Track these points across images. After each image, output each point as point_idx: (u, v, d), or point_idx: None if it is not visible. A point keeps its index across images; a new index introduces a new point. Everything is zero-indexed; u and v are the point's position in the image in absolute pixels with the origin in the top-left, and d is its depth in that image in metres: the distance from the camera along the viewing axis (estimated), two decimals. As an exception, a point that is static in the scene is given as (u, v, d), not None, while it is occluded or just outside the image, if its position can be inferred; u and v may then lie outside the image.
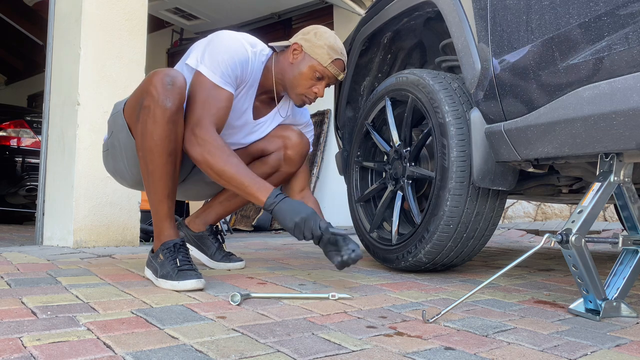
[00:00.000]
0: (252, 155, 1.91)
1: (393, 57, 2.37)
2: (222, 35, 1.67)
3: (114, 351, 0.92)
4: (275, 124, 1.91)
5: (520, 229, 4.13)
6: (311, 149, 2.00)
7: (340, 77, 1.78)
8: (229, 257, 1.97)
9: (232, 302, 1.31)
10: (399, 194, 1.92)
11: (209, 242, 1.96)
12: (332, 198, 5.45)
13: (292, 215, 1.50)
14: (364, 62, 2.38)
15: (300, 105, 1.84)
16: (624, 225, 1.34)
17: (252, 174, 1.56)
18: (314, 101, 1.82)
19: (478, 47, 1.59)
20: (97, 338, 1.00)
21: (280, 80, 1.79)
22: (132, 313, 1.20)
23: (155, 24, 6.55)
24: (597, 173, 1.32)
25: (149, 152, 1.53)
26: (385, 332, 1.09)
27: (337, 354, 0.94)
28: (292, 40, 1.80)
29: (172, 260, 1.52)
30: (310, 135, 2.01)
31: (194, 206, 4.32)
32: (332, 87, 2.59)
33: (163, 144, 1.52)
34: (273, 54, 1.80)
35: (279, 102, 1.90)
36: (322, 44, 1.73)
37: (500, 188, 1.63)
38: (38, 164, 2.97)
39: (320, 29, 1.78)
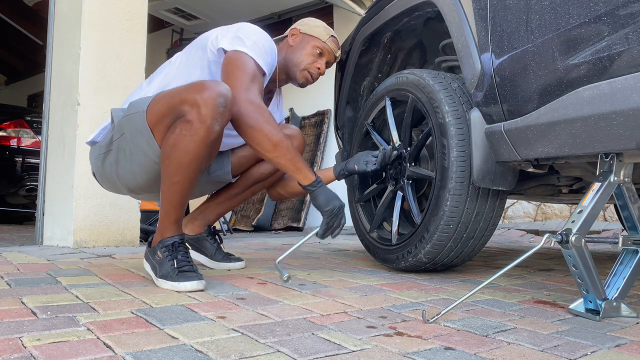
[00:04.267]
0: (257, 157, 1.91)
1: (393, 57, 2.37)
2: (250, 25, 1.72)
3: (114, 351, 0.92)
4: (275, 116, 1.94)
5: (520, 229, 4.13)
6: None
7: (338, 54, 1.96)
8: (228, 257, 1.97)
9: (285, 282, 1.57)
10: (399, 194, 1.92)
11: (207, 244, 1.96)
12: (332, 198, 5.44)
13: (331, 199, 1.68)
14: (364, 62, 2.38)
15: (304, 84, 1.94)
16: (624, 225, 1.34)
17: (296, 151, 1.68)
18: (317, 79, 1.94)
19: (478, 47, 1.59)
20: (97, 338, 1.00)
21: (282, 66, 1.89)
22: (132, 313, 1.20)
23: (155, 24, 6.55)
24: (597, 173, 1.31)
25: (178, 165, 1.46)
26: (385, 332, 1.09)
27: (337, 354, 0.94)
28: (288, 31, 1.94)
29: (171, 260, 1.51)
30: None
31: (193, 205, 4.32)
32: (332, 87, 2.61)
33: (198, 162, 1.48)
34: None
35: (276, 94, 1.97)
36: (317, 24, 1.93)
37: (500, 188, 1.63)
38: (38, 164, 2.97)
39: (311, 18, 1.97)
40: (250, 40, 1.66)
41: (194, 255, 1.93)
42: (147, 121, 1.51)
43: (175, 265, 1.50)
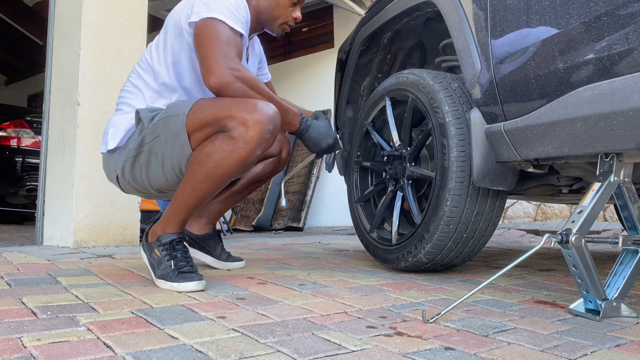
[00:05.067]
0: (265, 154, 1.92)
1: (393, 57, 2.37)
2: None
3: (114, 351, 0.92)
4: (251, 69, 1.90)
5: (520, 229, 4.14)
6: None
7: None
8: (230, 257, 1.96)
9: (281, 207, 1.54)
10: (399, 194, 1.92)
11: (213, 243, 1.94)
12: (332, 198, 5.45)
13: (317, 143, 1.71)
14: (364, 62, 2.39)
15: (281, 35, 1.87)
16: (624, 225, 1.34)
17: (284, 102, 1.66)
18: (294, 26, 1.88)
19: (478, 47, 1.59)
20: (97, 338, 1.00)
21: (255, 17, 1.79)
22: (132, 313, 1.20)
23: (155, 24, 6.55)
24: (597, 173, 1.32)
25: (207, 175, 1.45)
26: (385, 332, 1.09)
27: (337, 354, 0.94)
28: None
29: (170, 260, 1.51)
30: (267, 75, 2.05)
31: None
32: (332, 87, 2.61)
33: (227, 178, 1.47)
34: None
35: (251, 44, 1.89)
36: None
37: (500, 188, 1.63)
38: (38, 164, 2.97)
39: None
40: (214, 3, 1.56)
41: (200, 255, 1.91)
42: (186, 126, 1.47)
43: (174, 266, 1.49)
